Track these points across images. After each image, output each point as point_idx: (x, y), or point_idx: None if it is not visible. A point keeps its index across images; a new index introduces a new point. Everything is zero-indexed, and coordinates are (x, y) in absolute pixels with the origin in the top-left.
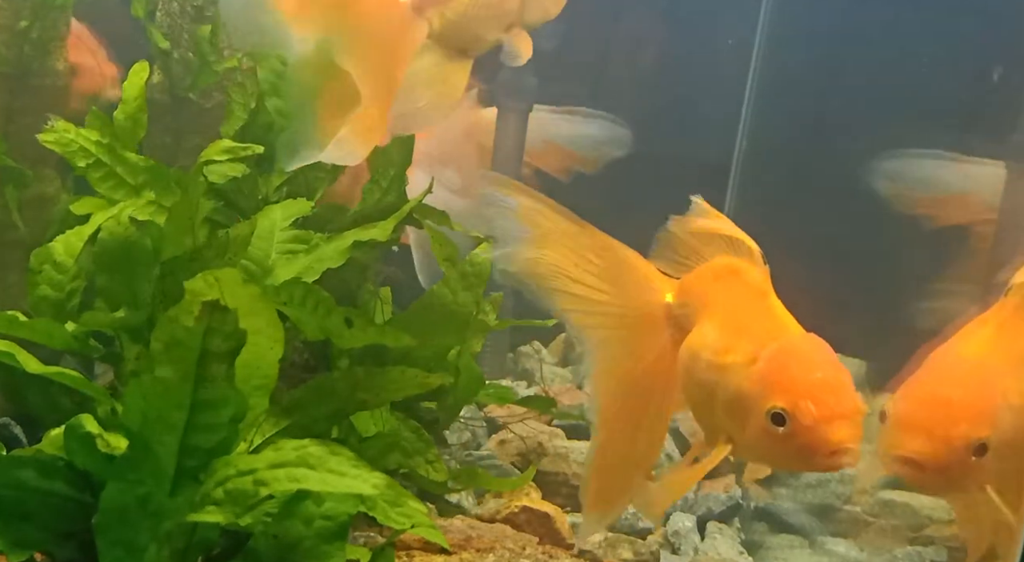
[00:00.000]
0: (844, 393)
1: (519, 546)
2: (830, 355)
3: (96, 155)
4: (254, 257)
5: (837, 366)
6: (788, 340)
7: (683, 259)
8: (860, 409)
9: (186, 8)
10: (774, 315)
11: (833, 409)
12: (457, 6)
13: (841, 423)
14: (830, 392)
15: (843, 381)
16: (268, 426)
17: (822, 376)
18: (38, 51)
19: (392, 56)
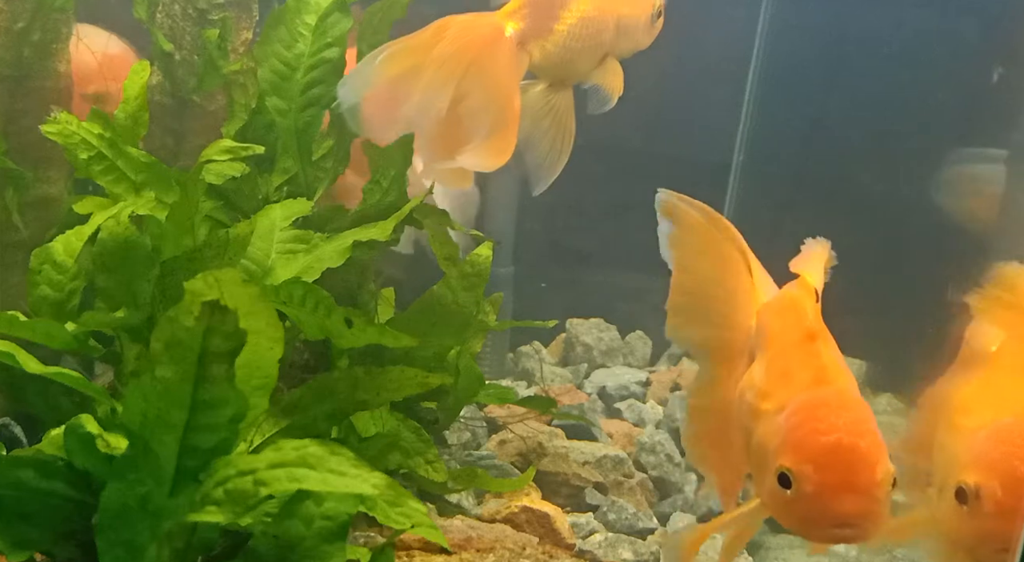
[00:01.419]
0: (860, 461)
1: (519, 546)
2: (858, 415)
3: (98, 148)
4: (254, 257)
5: (861, 429)
6: (817, 393)
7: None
8: (879, 481)
9: (188, 11)
10: (820, 361)
11: (842, 479)
12: (556, 38)
13: (849, 497)
14: (842, 459)
15: (862, 447)
16: (268, 426)
17: (836, 440)
18: (38, 53)
19: (505, 89)
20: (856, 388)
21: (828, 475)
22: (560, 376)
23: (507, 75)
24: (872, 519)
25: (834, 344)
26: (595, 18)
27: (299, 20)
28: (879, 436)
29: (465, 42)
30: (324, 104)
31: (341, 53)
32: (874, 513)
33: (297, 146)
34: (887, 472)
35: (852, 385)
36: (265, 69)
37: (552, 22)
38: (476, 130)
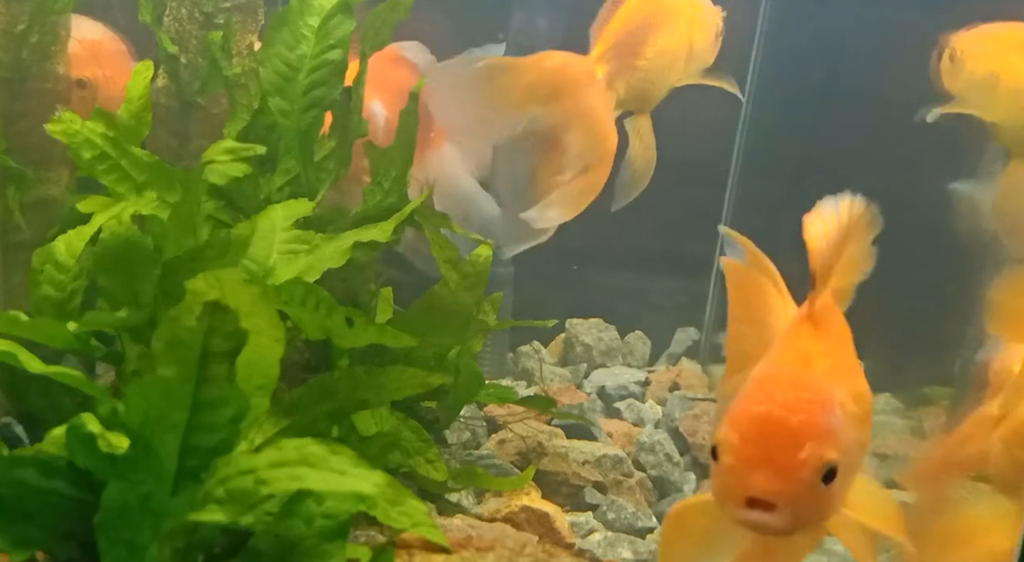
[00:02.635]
0: (785, 437)
1: (519, 545)
2: (807, 396)
3: (101, 147)
4: (255, 257)
5: (801, 408)
6: (773, 368)
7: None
8: (802, 461)
9: (194, 14)
10: (799, 343)
11: (760, 453)
12: (639, 74)
13: (762, 472)
14: (765, 433)
15: (792, 424)
16: (269, 425)
17: (766, 412)
18: (37, 55)
19: (600, 132)
20: (836, 380)
21: (748, 447)
22: (560, 376)
23: (602, 117)
24: (789, 502)
25: (835, 333)
26: (671, 50)
27: (302, 22)
28: (827, 421)
29: (560, 82)
30: (326, 105)
31: (344, 55)
32: (791, 495)
33: (299, 147)
34: (817, 457)
35: (834, 374)
36: (268, 70)
37: (635, 59)
38: (568, 170)
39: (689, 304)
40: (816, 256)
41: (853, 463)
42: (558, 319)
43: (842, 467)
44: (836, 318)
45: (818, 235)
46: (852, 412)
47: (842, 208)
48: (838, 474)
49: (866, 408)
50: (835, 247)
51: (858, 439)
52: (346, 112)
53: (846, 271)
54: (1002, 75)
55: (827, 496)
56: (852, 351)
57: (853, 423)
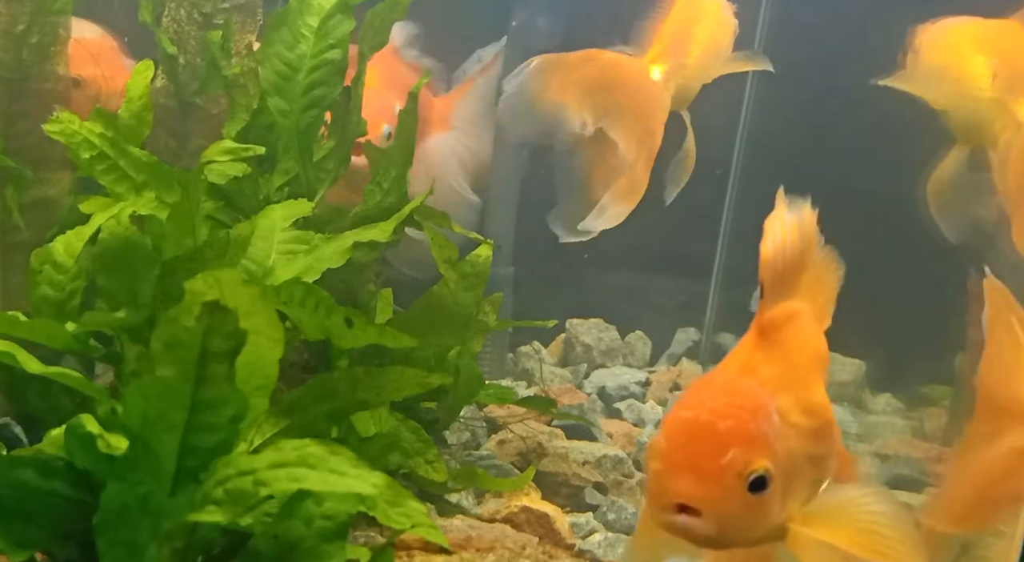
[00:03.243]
0: (710, 441)
1: (519, 546)
2: (739, 402)
3: (100, 147)
4: (254, 257)
5: (731, 414)
6: (710, 376)
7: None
8: (726, 466)
9: (193, 15)
10: (743, 353)
11: (685, 457)
12: (687, 73)
13: (686, 476)
14: (691, 436)
15: (719, 429)
16: (268, 426)
17: (693, 416)
18: (37, 55)
19: (653, 127)
20: (781, 390)
21: (673, 452)
22: (560, 376)
23: (656, 117)
24: (712, 508)
25: (790, 343)
26: (710, 48)
27: (301, 21)
28: (758, 429)
29: (616, 80)
30: (326, 105)
31: (343, 54)
32: (714, 502)
33: (298, 147)
34: (741, 463)
35: (779, 384)
36: (267, 70)
37: (684, 58)
38: (620, 169)
39: (689, 304)
40: (767, 265)
41: (798, 475)
42: (558, 319)
43: (777, 477)
44: (797, 329)
45: (772, 244)
46: (798, 424)
47: (803, 217)
48: (770, 484)
49: (821, 422)
50: (790, 256)
51: (808, 452)
52: (345, 112)
53: (818, 282)
54: (951, 66)
55: (759, 506)
56: (813, 364)
57: (798, 435)
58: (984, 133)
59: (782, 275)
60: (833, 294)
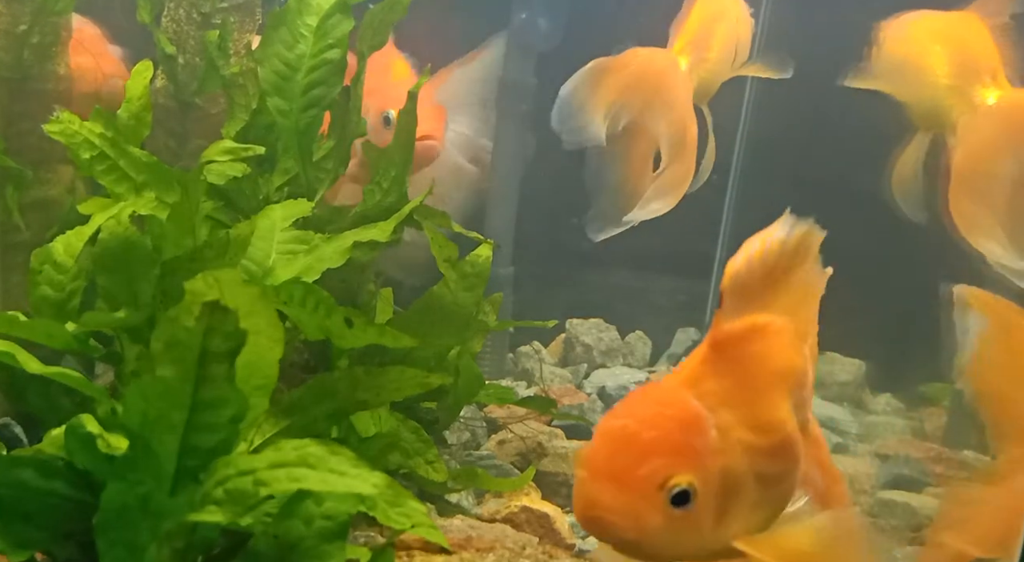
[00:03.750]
0: (633, 452)
1: (519, 546)
2: (669, 413)
3: (100, 147)
4: (254, 257)
5: (658, 425)
6: (647, 386)
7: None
8: (645, 477)
9: (192, 15)
10: (687, 366)
11: (606, 466)
12: (709, 66)
13: (605, 485)
14: (615, 446)
15: (643, 439)
16: (268, 426)
17: (620, 426)
18: (38, 55)
19: (688, 117)
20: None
21: (596, 461)
22: (560, 376)
23: (688, 106)
24: (630, 520)
25: (746, 358)
26: (731, 46)
27: (300, 21)
28: (686, 441)
29: (652, 75)
30: (325, 105)
31: (342, 54)
32: (631, 513)
33: (298, 147)
34: (661, 475)
35: (724, 398)
36: (267, 70)
37: (706, 52)
38: (664, 160)
39: (689, 304)
40: (728, 277)
41: (741, 493)
42: (558, 319)
43: (707, 493)
44: (758, 344)
45: (739, 257)
46: (745, 440)
47: (789, 235)
48: (695, 499)
49: (776, 440)
50: (756, 271)
51: (758, 470)
52: (345, 112)
53: (799, 299)
54: (911, 57)
55: (684, 521)
56: (773, 380)
57: (744, 452)
58: (944, 120)
59: (745, 289)
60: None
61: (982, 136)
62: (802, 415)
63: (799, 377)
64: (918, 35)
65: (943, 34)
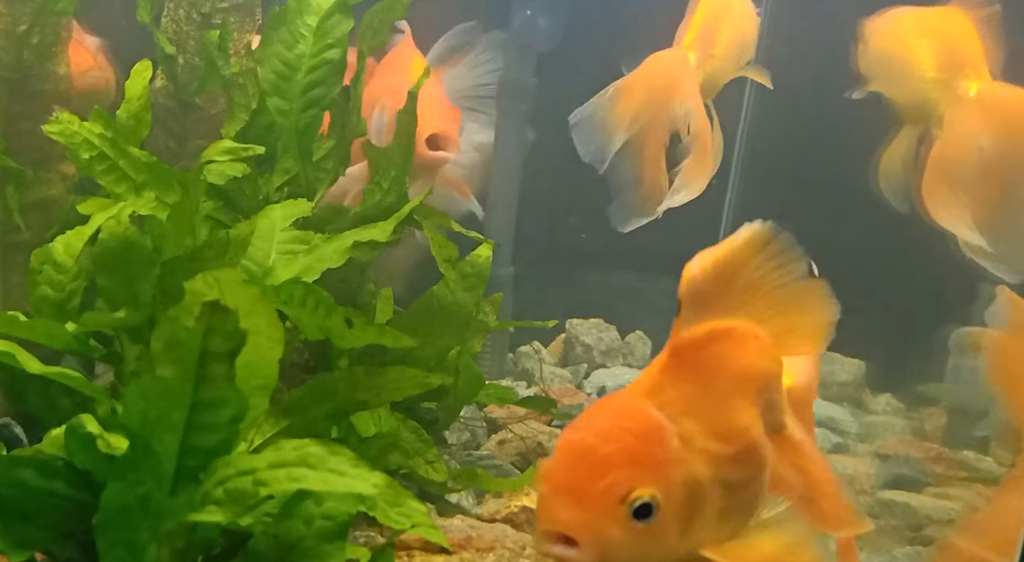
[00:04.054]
0: (591, 466)
1: (519, 546)
2: (629, 425)
3: (100, 148)
4: (254, 257)
5: (617, 438)
6: (606, 398)
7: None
8: (604, 492)
9: (192, 15)
10: (647, 374)
11: (565, 481)
12: (715, 62)
13: (563, 500)
14: (574, 460)
15: (602, 453)
16: (268, 426)
17: (579, 440)
18: (38, 56)
19: (701, 110)
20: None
21: (556, 476)
22: (560, 376)
23: (699, 99)
24: (590, 536)
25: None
26: (737, 40)
27: (300, 21)
28: (646, 453)
29: (665, 74)
30: (325, 105)
31: (342, 54)
32: (591, 529)
33: (298, 146)
34: (622, 488)
35: (684, 407)
36: (266, 70)
37: (713, 48)
38: (661, 157)
39: None
40: (684, 283)
41: (706, 502)
42: (558, 319)
43: (670, 504)
44: (721, 350)
45: (694, 262)
46: (708, 449)
47: (748, 239)
48: (658, 512)
49: (740, 447)
50: (713, 275)
51: (723, 478)
52: (345, 111)
53: (774, 303)
54: (897, 52)
55: (647, 534)
56: (737, 386)
57: (708, 461)
58: (930, 113)
59: (702, 295)
60: (820, 325)
61: (960, 126)
62: (775, 418)
63: (766, 381)
64: (903, 30)
65: (927, 29)
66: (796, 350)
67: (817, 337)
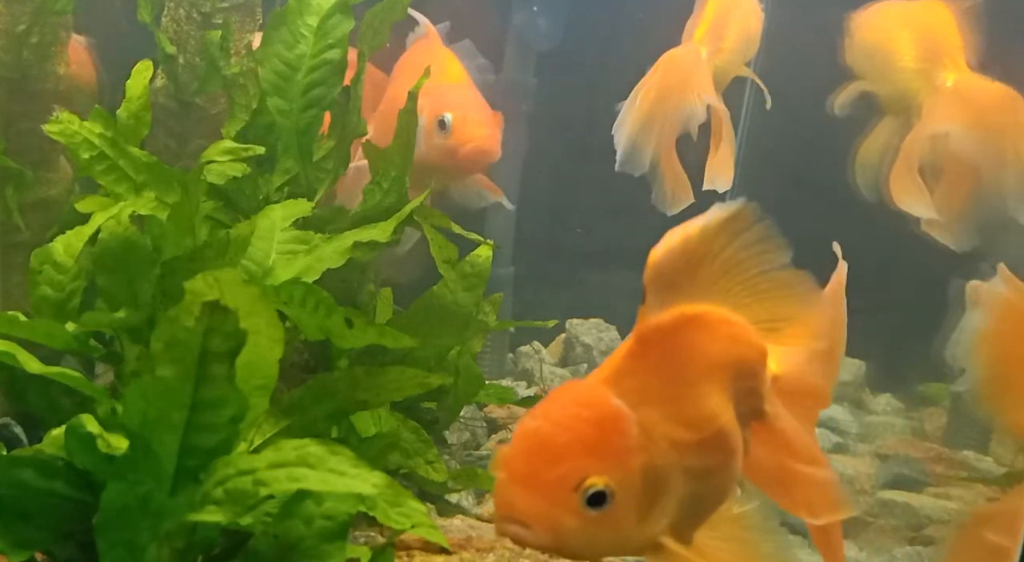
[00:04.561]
0: (546, 453)
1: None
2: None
3: (100, 148)
4: (254, 257)
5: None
6: (566, 385)
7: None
8: (558, 479)
9: (192, 15)
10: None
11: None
12: (724, 55)
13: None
14: (529, 447)
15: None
16: (268, 426)
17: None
18: (37, 56)
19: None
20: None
21: (512, 462)
22: (560, 376)
23: (713, 92)
24: (543, 522)
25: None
26: (744, 34)
27: (300, 21)
28: (603, 441)
29: (670, 68)
30: (325, 105)
31: (343, 54)
32: (544, 515)
33: (298, 146)
34: (576, 476)
35: (647, 395)
36: (267, 70)
37: (721, 42)
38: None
39: None
40: (649, 268)
41: (667, 490)
42: (558, 319)
43: (627, 492)
44: (688, 336)
45: (659, 247)
46: (671, 436)
47: (712, 217)
48: (612, 499)
49: (706, 434)
50: (680, 259)
51: (688, 466)
52: (345, 111)
53: (751, 289)
54: (880, 43)
55: (602, 522)
56: (704, 373)
57: (671, 448)
58: (911, 103)
59: (667, 280)
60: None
61: (935, 115)
62: (755, 405)
63: (742, 368)
64: (886, 22)
65: (910, 21)
66: (784, 340)
67: (807, 327)
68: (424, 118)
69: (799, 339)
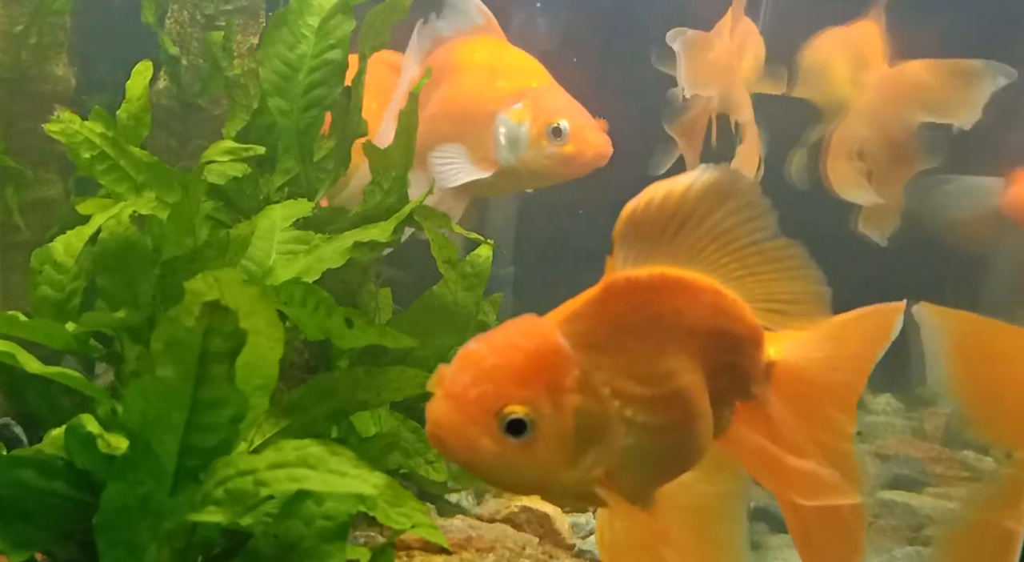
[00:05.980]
0: (469, 374)
1: (519, 546)
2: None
3: (100, 147)
4: (254, 257)
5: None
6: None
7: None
8: (473, 398)
9: (196, 17)
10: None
11: (450, 387)
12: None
13: (437, 399)
14: (459, 367)
15: (485, 365)
16: (268, 426)
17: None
18: (36, 56)
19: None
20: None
21: (446, 379)
22: None
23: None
24: (460, 439)
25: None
26: (748, 38)
27: (302, 21)
28: (533, 373)
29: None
30: (326, 105)
31: (344, 55)
32: (454, 429)
33: (299, 147)
34: (498, 402)
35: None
36: (268, 70)
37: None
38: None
39: None
40: (620, 220)
41: (605, 438)
42: None
43: (551, 428)
44: (660, 295)
45: (638, 200)
46: (611, 384)
47: (699, 178)
48: (532, 430)
49: (659, 392)
50: (655, 214)
51: (638, 421)
52: (345, 112)
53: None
54: (820, 62)
55: (523, 451)
56: (667, 333)
57: (608, 396)
58: (844, 106)
59: (640, 234)
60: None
61: (860, 106)
62: (742, 385)
63: (722, 340)
64: (824, 45)
65: (843, 40)
66: (785, 323)
67: (807, 312)
68: (528, 126)
69: (793, 323)
